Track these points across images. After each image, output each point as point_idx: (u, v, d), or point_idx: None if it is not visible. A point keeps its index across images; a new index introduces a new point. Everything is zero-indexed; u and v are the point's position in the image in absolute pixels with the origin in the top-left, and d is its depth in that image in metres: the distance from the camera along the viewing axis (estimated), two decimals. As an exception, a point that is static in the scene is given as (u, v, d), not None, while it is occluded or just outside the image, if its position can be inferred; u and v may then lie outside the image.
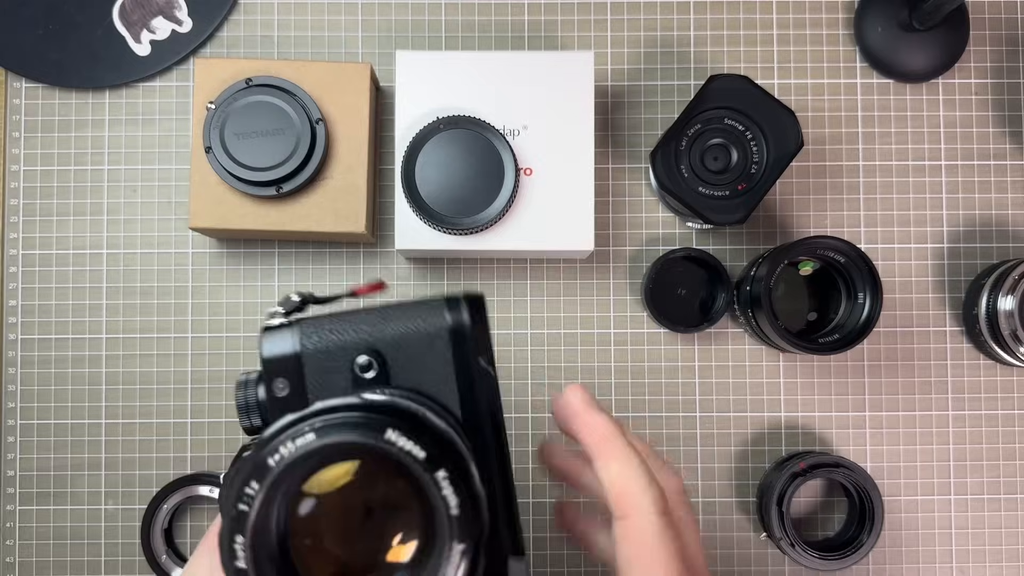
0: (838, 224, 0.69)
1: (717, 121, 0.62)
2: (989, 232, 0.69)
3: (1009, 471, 0.68)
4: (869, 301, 0.61)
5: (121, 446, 0.67)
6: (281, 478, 0.28)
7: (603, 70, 0.69)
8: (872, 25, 0.68)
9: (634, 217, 0.68)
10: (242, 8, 0.69)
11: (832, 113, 0.69)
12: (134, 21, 0.69)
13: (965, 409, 0.68)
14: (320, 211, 0.63)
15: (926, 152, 0.69)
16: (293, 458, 0.28)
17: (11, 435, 0.67)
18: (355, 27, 0.69)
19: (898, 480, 0.68)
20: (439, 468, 0.28)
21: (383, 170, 0.68)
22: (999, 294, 0.64)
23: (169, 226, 0.68)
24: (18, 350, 0.68)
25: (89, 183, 0.69)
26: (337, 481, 0.29)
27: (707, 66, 0.69)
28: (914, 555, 0.67)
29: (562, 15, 0.69)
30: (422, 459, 0.28)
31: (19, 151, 0.69)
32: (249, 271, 0.68)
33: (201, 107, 0.62)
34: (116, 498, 0.67)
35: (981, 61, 0.70)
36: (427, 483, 0.28)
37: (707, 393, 0.68)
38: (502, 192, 0.60)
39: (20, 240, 0.68)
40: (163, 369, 0.68)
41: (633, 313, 0.68)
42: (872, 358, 0.68)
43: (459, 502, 0.28)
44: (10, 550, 0.67)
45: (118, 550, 0.67)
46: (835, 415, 0.68)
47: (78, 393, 0.68)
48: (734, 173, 0.62)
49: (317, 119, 0.62)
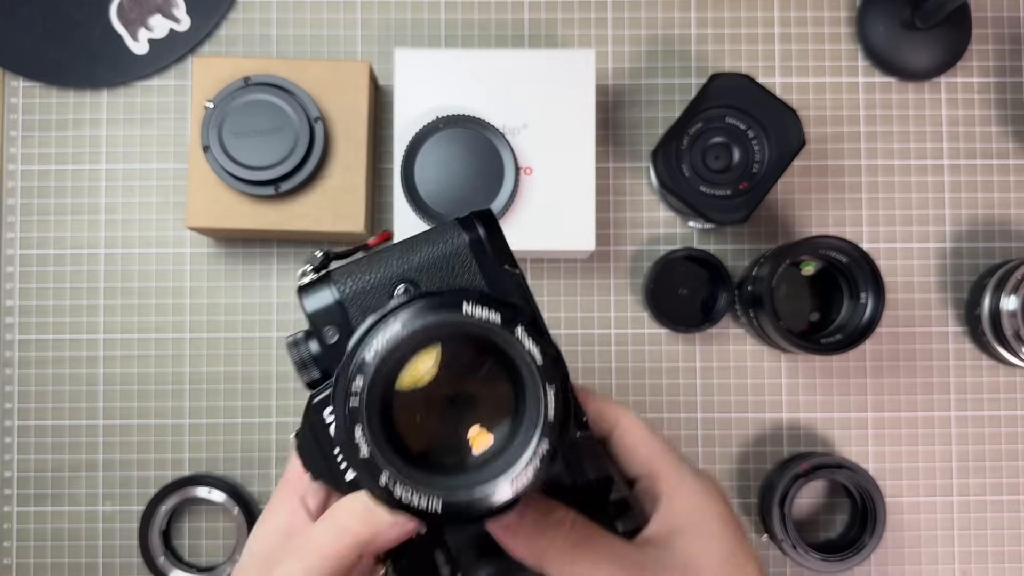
0: (840, 224, 0.68)
1: (718, 120, 0.62)
2: (992, 232, 0.68)
3: (1011, 472, 0.68)
4: (871, 301, 0.61)
5: (119, 447, 0.67)
6: (379, 368, 0.30)
7: (604, 69, 0.69)
8: (874, 24, 0.68)
9: (635, 216, 0.68)
10: (240, 7, 0.69)
11: (834, 112, 0.69)
12: (132, 20, 0.69)
13: (967, 410, 0.68)
14: (319, 210, 0.62)
15: (928, 151, 0.69)
16: (387, 347, 0.30)
17: (8, 436, 0.67)
18: (354, 26, 0.69)
19: (900, 481, 0.67)
20: (516, 325, 0.30)
21: (382, 169, 0.68)
22: (1002, 294, 0.64)
23: (167, 226, 0.68)
24: (15, 350, 0.67)
25: (87, 182, 0.68)
26: (424, 377, 0.31)
27: (708, 65, 0.69)
28: (916, 556, 0.67)
29: (562, 13, 0.69)
30: (499, 322, 0.30)
31: (17, 150, 0.68)
32: (248, 271, 0.68)
33: (199, 106, 0.62)
34: (114, 499, 0.67)
35: (983, 60, 0.69)
36: (511, 342, 0.30)
37: (708, 393, 0.68)
38: (502, 191, 0.60)
39: (18, 240, 0.68)
40: (161, 369, 0.67)
41: (634, 313, 0.68)
42: (874, 358, 0.68)
43: (541, 349, 0.30)
44: (7, 551, 0.66)
45: (116, 551, 0.67)
46: (837, 416, 0.68)
47: (76, 394, 0.67)
48: (735, 172, 0.62)
49: (316, 118, 0.61)
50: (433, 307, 0.30)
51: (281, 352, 0.68)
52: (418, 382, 0.31)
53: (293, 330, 0.67)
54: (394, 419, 0.31)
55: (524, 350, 0.30)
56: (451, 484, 0.30)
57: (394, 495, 0.29)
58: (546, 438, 0.30)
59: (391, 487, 0.29)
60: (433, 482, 0.30)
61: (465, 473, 0.31)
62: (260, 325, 0.68)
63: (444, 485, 0.30)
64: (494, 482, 0.30)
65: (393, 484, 0.29)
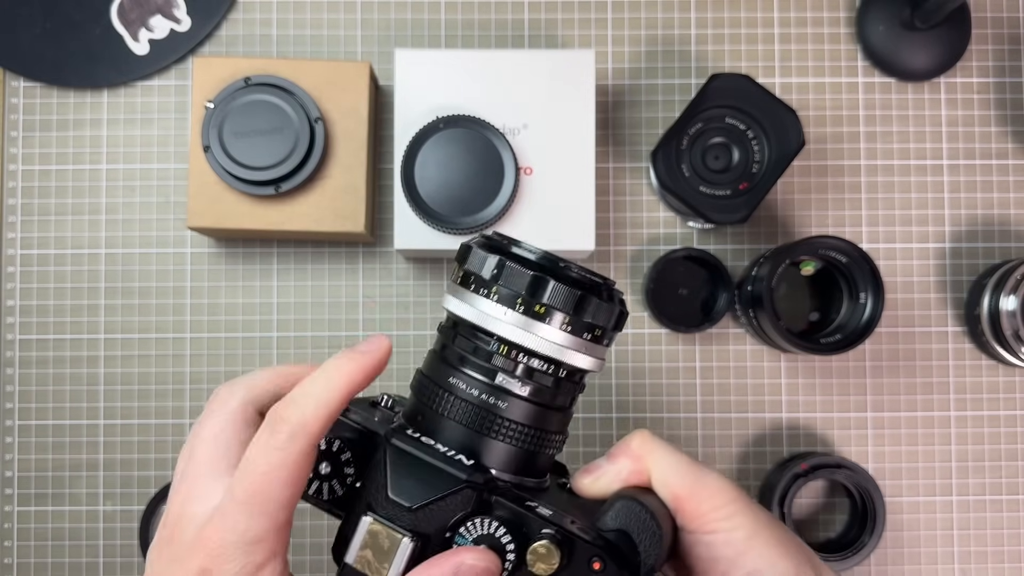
0: (840, 224, 0.68)
1: (718, 120, 0.62)
2: (991, 232, 0.69)
3: (1011, 472, 0.68)
4: (871, 301, 0.61)
5: (119, 447, 0.67)
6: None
7: (604, 69, 0.69)
8: (874, 24, 0.68)
9: (635, 217, 0.68)
10: (241, 7, 0.69)
11: (834, 112, 0.69)
12: (132, 20, 0.69)
13: (967, 410, 0.68)
14: (319, 210, 0.62)
15: (928, 151, 0.69)
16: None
17: (9, 436, 0.67)
18: (354, 26, 0.69)
19: (900, 481, 0.67)
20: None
21: (382, 169, 0.68)
22: (1001, 294, 0.64)
23: (168, 226, 0.68)
24: (16, 350, 0.67)
25: (87, 182, 0.68)
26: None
27: (708, 65, 0.69)
28: (916, 556, 0.67)
29: (562, 13, 0.69)
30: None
31: (17, 150, 0.68)
32: (248, 271, 0.68)
33: (199, 106, 0.62)
34: (114, 499, 0.67)
35: (983, 60, 0.69)
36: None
37: (708, 393, 0.68)
38: (502, 191, 0.60)
39: (18, 240, 0.68)
40: (161, 369, 0.67)
41: (634, 313, 0.68)
42: (874, 358, 0.68)
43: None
44: (8, 551, 0.66)
45: (116, 551, 0.67)
46: (837, 416, 0.68)
47: (76, 393, 0.67)
48: (735, 172, 0.62)
49: (316, 118, 0.62)
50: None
51: (281, 352, 0.68)
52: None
53: (293, 330, 0.67)
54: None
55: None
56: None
57: None
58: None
59: None
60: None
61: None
62: (260, 325, 0.68)
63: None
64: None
65: None
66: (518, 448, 0.38)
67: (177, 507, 0.36)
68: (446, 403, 0.37)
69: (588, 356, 0.38)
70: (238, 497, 0.34)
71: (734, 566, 0.38)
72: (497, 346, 0.37)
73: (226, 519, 0.34)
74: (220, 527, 0.34)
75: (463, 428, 0.37)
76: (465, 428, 0.37)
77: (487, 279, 0.37)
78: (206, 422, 0.37)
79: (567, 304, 0.37)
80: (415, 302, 0.68)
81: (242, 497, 0.34)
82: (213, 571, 0.33)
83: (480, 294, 0.37)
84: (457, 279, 0.38)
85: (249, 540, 0.33)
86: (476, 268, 0.37)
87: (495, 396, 0.37)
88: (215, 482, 0.35)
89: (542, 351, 0.37)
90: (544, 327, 0.37)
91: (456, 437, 0.37)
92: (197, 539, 0.34)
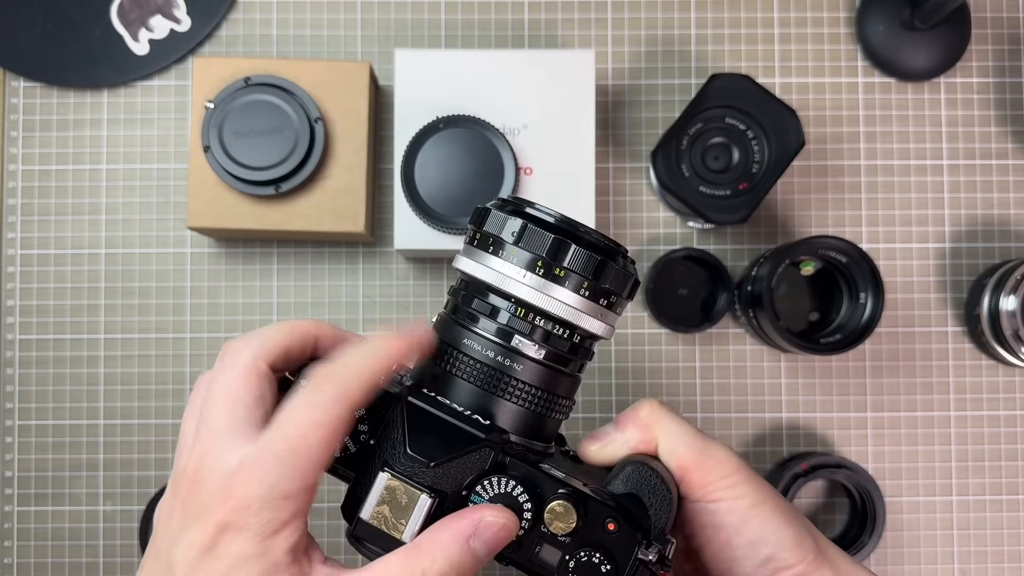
0: (839, 224, 0.68)
1: (718, 120, 0.62)
2: (991, 232, 0.69)
3: (1011, 472, 0.68)
4: (871, 301, 0.61)
5: (119, 447, 0.67)
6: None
7: (604, 69, 0.69)
8: (874, 24, 0.68)
9: (635, 217, 0.68)
10: (241, 7, 0.69)
11: (833, 112, 0.69)
12: (132, 20, 0.69)
13: (967, 410, 0.68)
14: (319, 210, 0.62)
15: (928, 151, 0.69)
16: None
17: (9, 436, 0.67)
18: (354, 26, 0.69)
19: (899, 481, 0.67)
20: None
21: (382, 169, 0.68)
22: (1001, 294, 0.64)
23: (168, 226, 0.68)
24: (16, 350, 0.67)
25: (87, 183, 0.68)
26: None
27: (708, 65, 0.69)
28: (915, 556, 0.67)
29: (562, 14, 0.69)
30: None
31: (17, 150, 0.68)
32: (248, 271, 0.68)
33: (199, 106, 0.62)
34: (114, 499, 0.67)
35: (983, 60, 0.69)
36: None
37: (708, 393, 0.68)
38: (502, 191, 0.60)
39: (18, 240, 0.68)
40: (161, 369, 0.67)
41: (634, 313, 0.68)
42: (874, 358, 0.68)
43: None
44: (8, 551, 0.66)
45: (116, 551, 0.67)
46: (836, 416, 0.68)
47: (76, 394, 0.67)
48: (735, 172, 0.62)
49: (316, 118, 0.62)
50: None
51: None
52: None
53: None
54: None
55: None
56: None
57: None
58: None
59: None
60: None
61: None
62: (260, 325, 0.68)
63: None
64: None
65: None
66: (529, 411, 0.38)
67: (193, 463, 0.35)
68: (460, 364, 0.38)
69: (602, 322, 0.38)
70: (274, 450, 0.33)
71: (737, 534, 0.38)
72: (515, 308, 0.37)
73: (257, 472, 0.33)
74: (249, 480, 0.33)
75: (477, 389, 0.38)
76: (479, 389, 0.37)
77: (508, 241, 0.37)
78: (220, 377, 0.36)
79: (587, 268, 0.37)
80: (415, 302, 0.68)
81: (278, 451, 0.33)
82: (234, 525, 0.33)
83: (499, 256, 0.37)
84: (474, 241, 0.39)
85: (278, 496, 0.33)
86: (496, 230, 0.38)
87: (510, 358, 0.37)
88: (235, 438, 0.34)
89: (559, 314, 0.37)
90: (563, 291, 0.37)
91: (470, 397, 0.38)
92: (220, 493, 0.33)
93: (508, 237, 0.37)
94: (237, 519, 0.33)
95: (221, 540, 0.33)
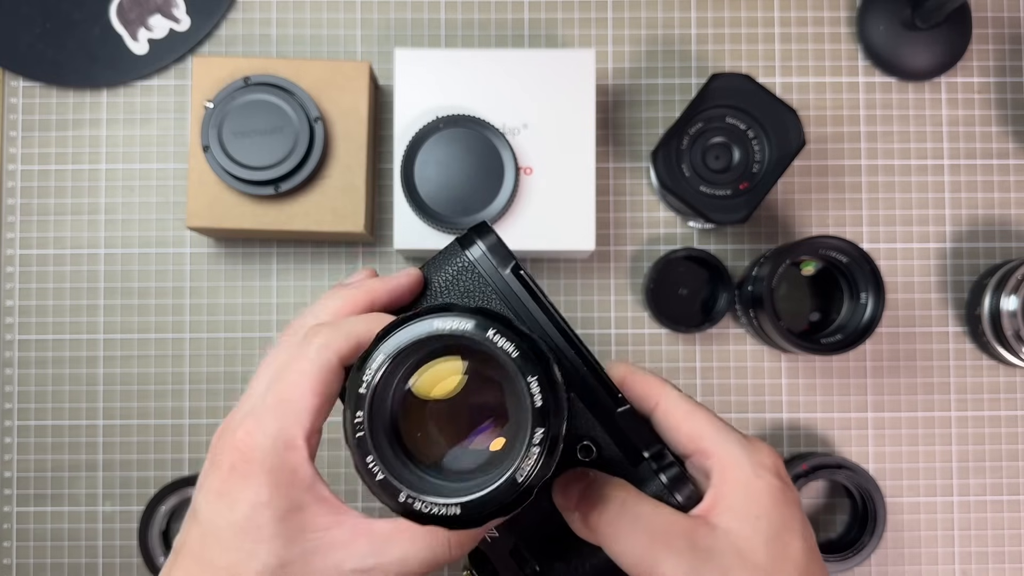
0: (840, 224, 0.68)
1: (719, 120, 0.62)
2: (992, 232, 0.68)
3: (1011, 472, 0.67)
4: (872, 301, 0.61)
5: (119, 447, 0.67)
6: (375, 399, 0.32)
7: (604, 68, 0.69)
8: (874, 23, 0.68)
9: (635, 216, 0.68)
10: (240, 6, 0.69)
11: (834, 112, 0.69)
12: (132, 20, 0.68)
13: (968, 410, 0.68)
14: (318, 210, 0.62)
15: (928, 151, 0.69)
16: (376, 380, 0.32)
17: (8, 436, 0.67)
18: (354, 25, 0.69)
19: (900, 481, 0.67)
20: (488, 329, 0.32)
21: (382, 169, 0.68)
22: (1002, 294, 0.64)
23: (167, 226, 0.68)
24: (15, 350, 0.67)
25: (87, 182, 0.68)
26: (447, 390, 0.34)
27: (709, 64, 0.69)
28: (916, 556, 0.67)
29: (562, 13, 0.69)
30: (470, 329, 0.32)
31: (16, 150, 0.68)
32: (247, 271, 0.68)
33: (199, 106, 0.62)
34: (114, 499, 0.67)
35: (984, 60, 0.69)
36: (486, 344, 0.32)
37: (708, 394, 0.68)
38: (502, 191, 0.60)
39: (17, 240, 0.68)
40: (161, 370, 0.67)
41: (634, 313, 0.68)
42: (874, 359, 0.68)
43: (515, 345, 0.32)
44: (7, 551, 0.66)
45: (115, 552, 0.66)
46: (837, 416, 0.68)
47: (75, 394, 0.67)
48: (736, 172, 0.62)
49: (315, 118, 0.61)
50: (409, 331, 0.32)
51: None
52: (445, 394, 0.34)
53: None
54: (405, 439, 0.33)
55: (499, 349, 0.32)
56: (466, 488, 0.32)
57: (413, 508, 0.32)
58: (539, 427, 0.31)
59: (410, 503, 0.32)
60: (448, 489, 0.32)
61: (481, 475, 0.32)
62: (260, 325, 0.68)
63: (459, 490, 0.32)
64: (502, 479, 0.31)
65: (412, 501, 0.32)
66: None
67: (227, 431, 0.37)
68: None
69: None
70: (269, 403, 0.35)
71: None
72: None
73: (258, 423, 0.35)
74: (251, 432, 0.35)
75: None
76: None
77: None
78: (300, 365, 0.37)
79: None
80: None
81: (272, 403, 0.35)
82: (242, 471, 0.35)
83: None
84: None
85: (281, 444, 0.35)
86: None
87: None
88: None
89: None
90: None
91: None
92: (229, 444, 0.36)
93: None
94: (246, 466, 0.35)
95: (233, 483, 0.35)
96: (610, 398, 0.39)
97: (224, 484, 0.35)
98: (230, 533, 0.34)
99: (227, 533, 0.34)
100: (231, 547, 0.34)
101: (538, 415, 0.31)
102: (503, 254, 0.39)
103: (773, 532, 0.36)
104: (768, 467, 0.37)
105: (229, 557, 0.34)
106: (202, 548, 0.35)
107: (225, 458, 0.35)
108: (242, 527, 0.34)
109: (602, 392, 0.39)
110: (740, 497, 0.36)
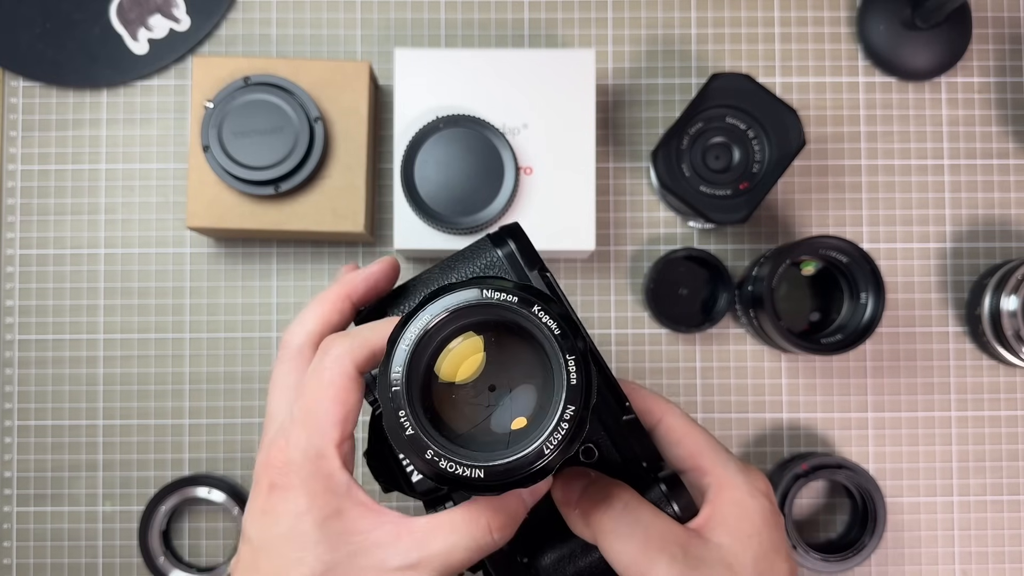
0: (840, 224, 0.68)
1: (719, 120, 0.62)
2: (992, 232, 0.68)
3: (1012, 472, 0.67)
4: (872, 301, 0.61)
5: (119, 447, 0.67)
6: (414, 356, 0.33)
7: (604, 68, 0.69)
8: (875, 23, 0.68)
9: (635, 216, 0.68)
10: (240, 6, 0.69)
11: (834, 112, 0.69)
12: (132, 19, 0.68)
13: (968, 410, 0.68)
14: (318, 210, 0.62)
15: (928, 151, 0.69)
16: (417, 336, 0.33)
17: (8, 436, 0.67)
18: (354, 25, 0.69)
19: (900, 481, 0.67)
20: (532, 305, 0.32)
21: (382, 169, 0.68)
22: (1002, 294, 0.64)
23: (167, 226, 0.68)
24: (15, 350, 0.67)
25: (87, 182, 0.68)
26: (472, 371, 0.34)
27: (709, 64, 0.69)
28: (916, 556, 0.67)
29: (562, 13, 0.69)
30: (516, 301, 0.32)
31: (16, 150, 0.68)
32: (247, 271, 0.68)
33: (199, 106, 0.62)
34: (114, 499, 0.67)
35: (984, 60, 0.69)
36: (528, 318, 0.32)
37: (708, 394, 0.68)
38: (502, 191, 0.60)
39: (17, 240, 0.68)
40: (161, 370, 0.67)
41: (634, 313, 0.68)
42: (874, 359, 0.68)
43: (558, 324, 0.32)
44: (7, 551, 0.66)
45: (116, 552, 0.66)
46: (837, 416, 0.68)
47: (75, 394, 0.67)
48: (736, 172, 0.62)
49: (316, 118, 0.61)
50: (455, 295, 0.33)
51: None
52: (468, 377, 0.34)
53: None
54: (437, 407, 0.34)
55: (541, 323, 0.32)
56: (491, 457, 0.32)
57: (439, 466, 0.32)
58: (570, 404, 0.32)
59: (436, 461, 0.32)
60: (472, 456, 0.32)
61: (505, 448, 0.33)
62: (260, 325, 0.68)
63: (483, 458, 0.32)
64: (530, 448, 0.32)
65: (438, 459, 0.32)
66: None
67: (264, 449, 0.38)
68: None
69: None
70: (297, 417, 0.36)
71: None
72: None
73: (288, 439, 0.36)
74: (282, 448, 0.36)
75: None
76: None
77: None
78: (323, 377, 0.38)
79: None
80: (415, 302, 0.68)
81: (299, 417, 0.36)
82: (281, 485, 0.36)
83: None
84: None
85: (312, 454, 0.36)
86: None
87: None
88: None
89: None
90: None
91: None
92: (264, 462, 0.37)
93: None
94: (283, 480, 0.36)
95: (274, 500, 0.36)
96: (618, 406, 0.39)
97: (266, 503, 0.36)
98: (277, 545, 0.35)
99: (274, 545, 0.36)
100: (279, 557, 0.35)
101: (572, 392, 0.32)
102: (532, 256, 0.40)
103: (763, 552, 0.38)
104: (762, 490, 0.39)
105: (278, 566, 0.35)
106: (254, 564, 0.36)
107: (263, 479, 0.36)
108: (287, 537, 0.35)
109: (611, 399, 0.39)
110: (734, 515, 0.38)
